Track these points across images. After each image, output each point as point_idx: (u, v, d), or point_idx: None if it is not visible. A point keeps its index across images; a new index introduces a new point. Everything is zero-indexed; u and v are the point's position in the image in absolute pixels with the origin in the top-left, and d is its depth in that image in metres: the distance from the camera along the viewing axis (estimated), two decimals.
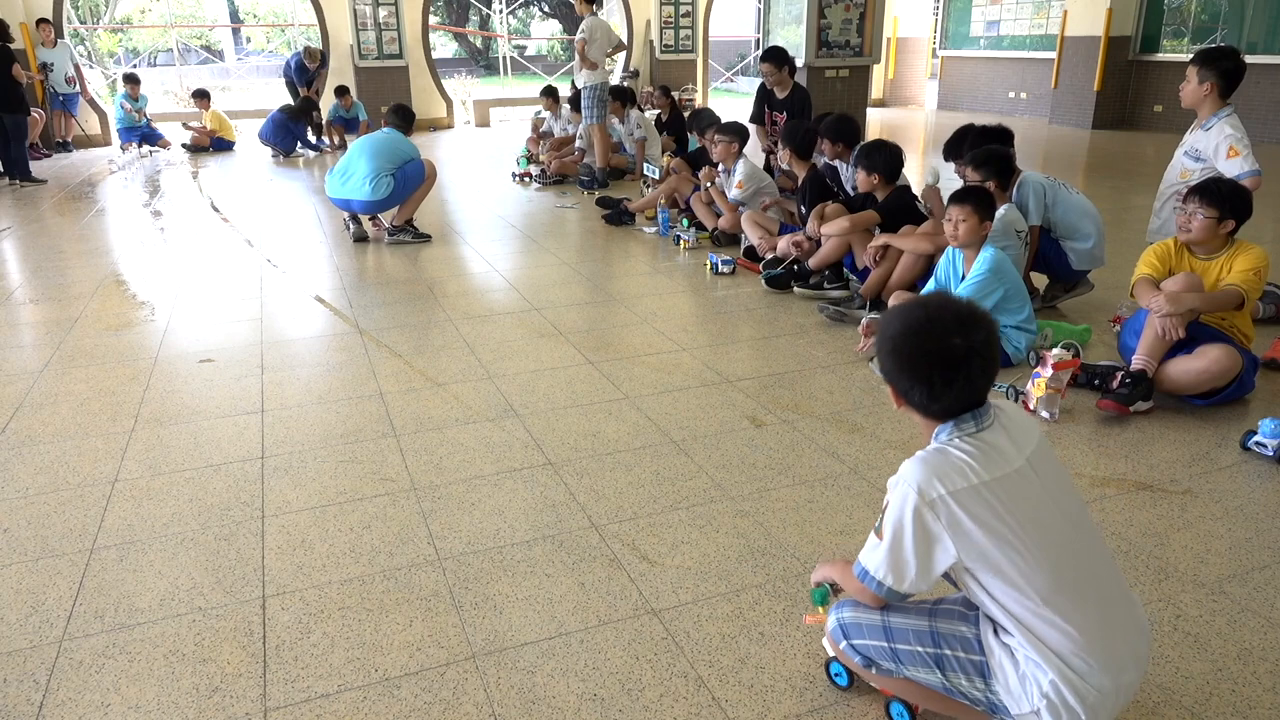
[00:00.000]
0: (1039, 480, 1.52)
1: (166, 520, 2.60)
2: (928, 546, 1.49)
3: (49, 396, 3.54)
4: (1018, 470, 1.50)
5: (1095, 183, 8.20)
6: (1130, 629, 1.54)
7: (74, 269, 5.60)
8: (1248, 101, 9.70)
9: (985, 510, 1.46)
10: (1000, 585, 1.48)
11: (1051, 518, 1.51)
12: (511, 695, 1.88)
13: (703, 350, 3.95)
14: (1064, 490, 1.56)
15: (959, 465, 1.49)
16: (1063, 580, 1.48)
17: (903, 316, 1.57)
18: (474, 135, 13.19)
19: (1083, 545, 1.54)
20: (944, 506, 1.46)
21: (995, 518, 1.46)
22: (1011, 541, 1.46)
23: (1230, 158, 3.81)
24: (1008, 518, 1.46)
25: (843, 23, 10.37)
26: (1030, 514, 1.48)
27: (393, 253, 5.94)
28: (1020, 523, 1.47)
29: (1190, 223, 3.17)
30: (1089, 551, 1.55)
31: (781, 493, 2.69)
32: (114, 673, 1.97)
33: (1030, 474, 1.51)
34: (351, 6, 12.69)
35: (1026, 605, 1.47)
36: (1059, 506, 1.53)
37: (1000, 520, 1.46)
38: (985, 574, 1.48)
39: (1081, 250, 4.24)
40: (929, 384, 1.51)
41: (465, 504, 2.66)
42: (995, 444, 1.52)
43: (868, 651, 1.69)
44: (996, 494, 1.47)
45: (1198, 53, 3.94)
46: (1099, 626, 1.48)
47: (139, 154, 11.10)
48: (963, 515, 1.46)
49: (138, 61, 22.42)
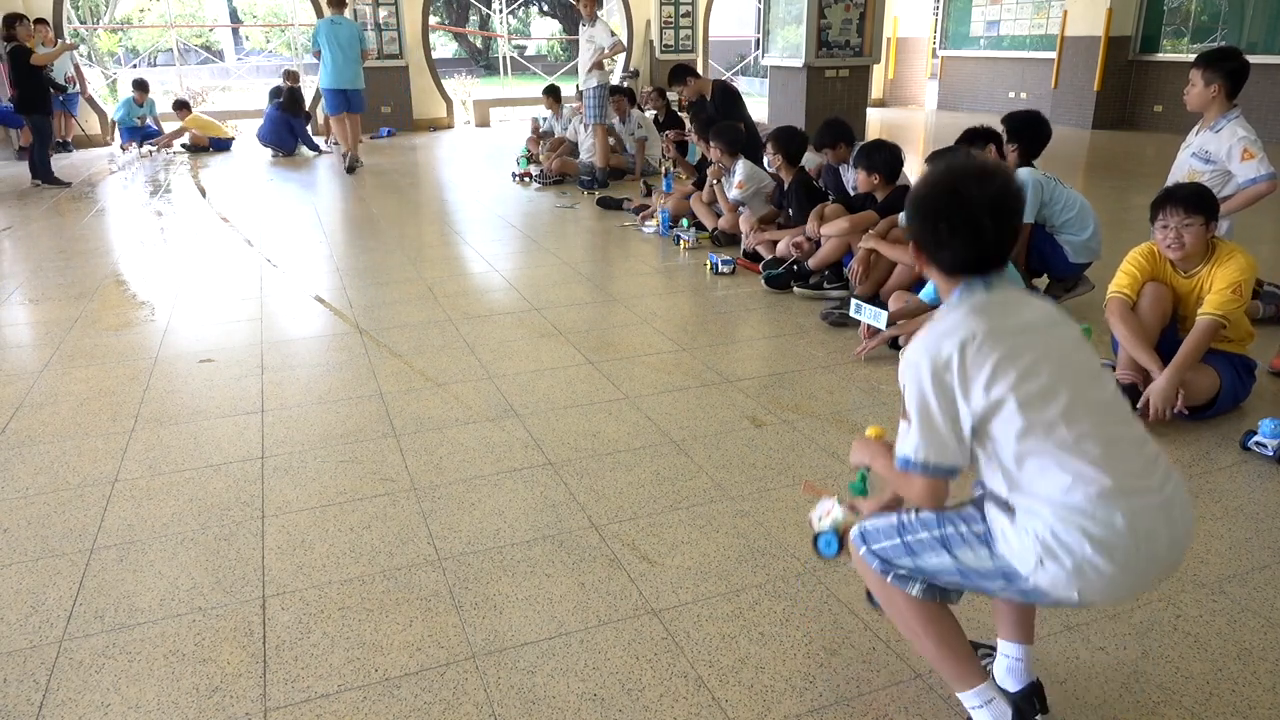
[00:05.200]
0: (1045, 339, 1.52)
1: (166, 520, 2.60)
2: (952, 406, 1.49)
3: (49, 396, 3.54)
4: (1026, 323, 1.53)
5: (1095, 183, 8.20)
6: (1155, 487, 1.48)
7: (74, 269, 5.60)
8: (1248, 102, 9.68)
9: (995, 351, 1.47)
10: (1007, 431, 1.47)
11: (1062, 364, 1.50)
12: (511, 695, 1.88)
13: (703, 350, 3.95)
14: (1081, 357, 1.54)
15: (963, 320, 1.51)
16: (1074, 419, 1.46)
17: (929, 171, 1.62)
18: (474, 135, 13.19)
19: (1100, 399, 1.51)
20: (957, 360, 1.48)
21: (1005, 358, 1.47)
22: (1022, 374, 1.46)
23: (1245, 160, 3.77)
24: (1016, 357, 1.47)
25: (843, 23, 10.37)
26: (1039, 355, 1.49)
27: (392, 252, 5.94)
28: (1030, 362, 1.47)
29: (1181, 237, 2.99)
30: (1106, 406, 1.52)
31: (781, 493, 2.69)
32: (114, 673, 1.97)
33: (1041, 333, 1.52)
34: (352, 7, 12.68)
35: (1029, 445, 1.46)
36: (1073, 360, 1.52)
37: (1009, 360, 1.47)
38: (996, 421, 1.47)
39: (1077, 242, 4.24)
40: (936, 228, 1.54)
41: (465, 504, 2.66)
42: (1003, 303, 1.54)
43: (885, 553, 1.65)
44: (1003, 338, 1.48)
45: (1200, 55, 3.91)
46: (1109, 468, 1.45)
47: (139, 153, 11.10)
48: (974, 362, 1.47)
49: (137, 62, 22.42)
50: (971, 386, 1.47)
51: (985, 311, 1.52)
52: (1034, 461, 1.47)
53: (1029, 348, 1.49)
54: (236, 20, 29.22)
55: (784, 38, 10.96)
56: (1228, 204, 3.77)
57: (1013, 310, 1.55)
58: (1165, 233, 3.03)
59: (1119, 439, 1.49)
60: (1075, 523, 1.44)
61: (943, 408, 1.49)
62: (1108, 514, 1.43)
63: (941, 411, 1.49)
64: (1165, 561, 1.50)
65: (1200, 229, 2.99)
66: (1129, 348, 3.12)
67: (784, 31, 10.97)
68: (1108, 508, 1.44)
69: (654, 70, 15.20)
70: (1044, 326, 1.54)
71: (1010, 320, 1.52)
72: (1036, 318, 1.55)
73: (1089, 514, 1.44)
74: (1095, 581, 1.45)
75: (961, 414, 1.49)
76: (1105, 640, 2.01)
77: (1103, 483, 1.44)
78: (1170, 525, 1.48)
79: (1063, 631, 2.04)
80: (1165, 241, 3.05)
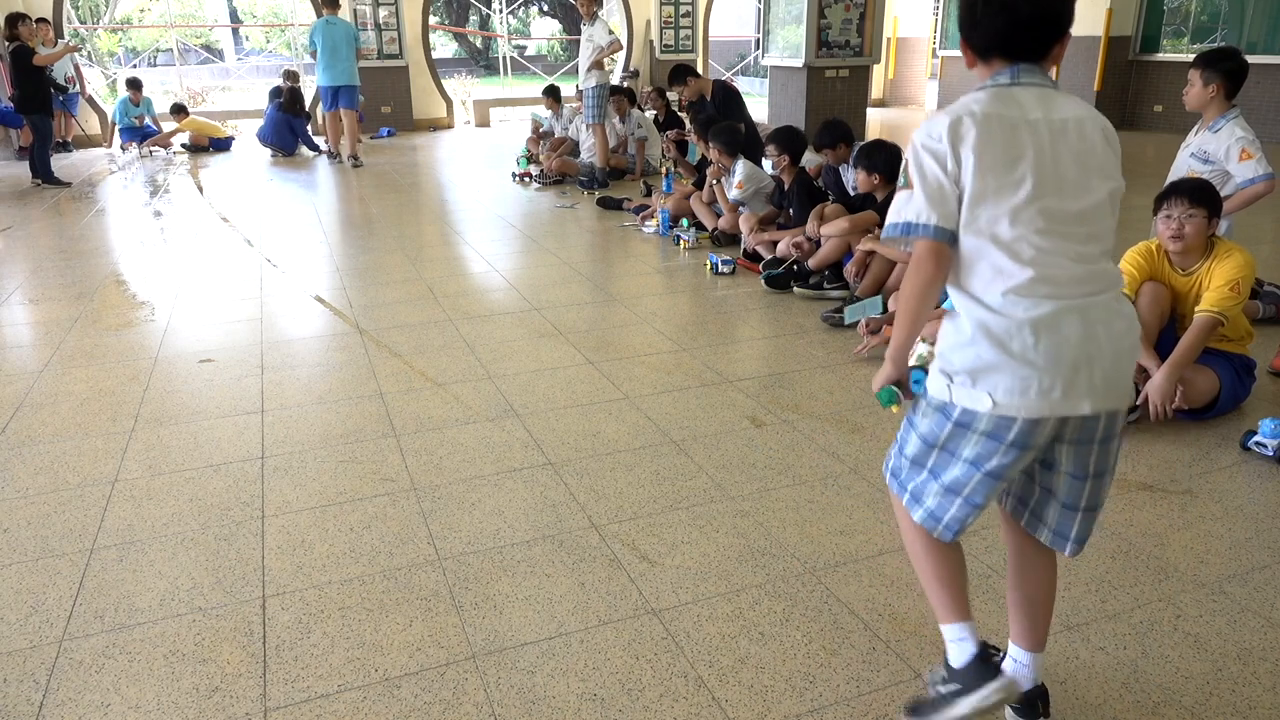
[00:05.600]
0: (1052, 140, 1.50)
1: (166, 520, 2.60)
2: (943, 169, 1.51)
3: (49, 396, 3.54)
4: (1031, 120, 1.51)
5: None
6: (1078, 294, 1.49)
7: (74, 269, 5.60)
8: (1248, 102, 9.69)
9: (975, 134, 1.48)
10: (973, 219, 1.50)
11: (1060, 174, 1.50)
12: (511, 695, 1.88)
13: (703, 350, 3.95)
14: (1089, 165, 1.53)
15: (969, 103, 1.53)
16: (1034, 222, 1.48)
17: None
18: (474, 135, 13.19)
19: (1068, 202, 1.51)
20: (951, 131, 1.50)
21: (986, 139, 1.48)
22: (989, 161, 1.48)
23: (1244, 160, 3.77)
24: (1002, 149, 1.48)
25: (843, 23, 10.37)
26: (1023, 154, 1.49)
27: (392, 252, 5.94)
28: (1011, 157, 1.48)
29: (1183, 228, 3.00)
30: (1076, 211, 1.52)
31: (781, 493, 2.69)
32: (114, 673, 1.97)
33: (1044, 130, 1.50)
34: (351, 6, 12.68)
35: (968, 238, 1.51)
36: (1071, 171, 1.51)
37: (993, 146, 1.48)
38: (967, 199, 1.50)
39: None
40: (973, 5, 1.56)
41: (465, 504, 2.66)
42: (1019, 98, 1.52)
43: (899, 472, 1.68)
44: (993, 125, 1.49)
45: (1199, 55, 3.91)
46: (1034, 268, 1.47)
47: (139, 153, 11.10)
48: (955, 140, 1.49)
49: (137, 61, 22.42)
50: (948, 164, 1.50)
51: (994, 98, 1.52)
52: (970, 255, 1.51)
53: (1016, 141, 1.49)
54: (236, 20, 29.22)
55: (784, 38, 10.96)
56: (1226, 204, 3.77)
57: (1028, 104, 1.52)
58: (1168, 223, 3.04)
59: (1063, 250, 1.49)
60: (984, 317, 1.49)
61: (944, 169, 1.51)
62: (1012, 308, 1.47)
63: (940, 173, 1.51)
64: (1075, 367, 1.47)
65: (1202, 222, 3.00)
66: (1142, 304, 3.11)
67: (784, 31, 10.97)
68: (1015, 302, 1.47)
69: (654, 70, 15.20)
70: (1054, 126, 1.51)
71: (1015, 112, 1.51)
72: (1051, 116, 1.52)
73: (997, 309, 1.48)
74: (999, 381, 1.48)
75: (944, 186, 1.51)
76: (1105, 640, 2.01)
77: (1020, 279, 1.46)
78: (1085, 327, 1.47)
79: (1063, 631, 2.04)
80: (1167, 232, 3.05)
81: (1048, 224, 1.48)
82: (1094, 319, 1.48)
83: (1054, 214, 1.49)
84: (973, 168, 1.48)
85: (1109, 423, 1.55)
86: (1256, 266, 3.13)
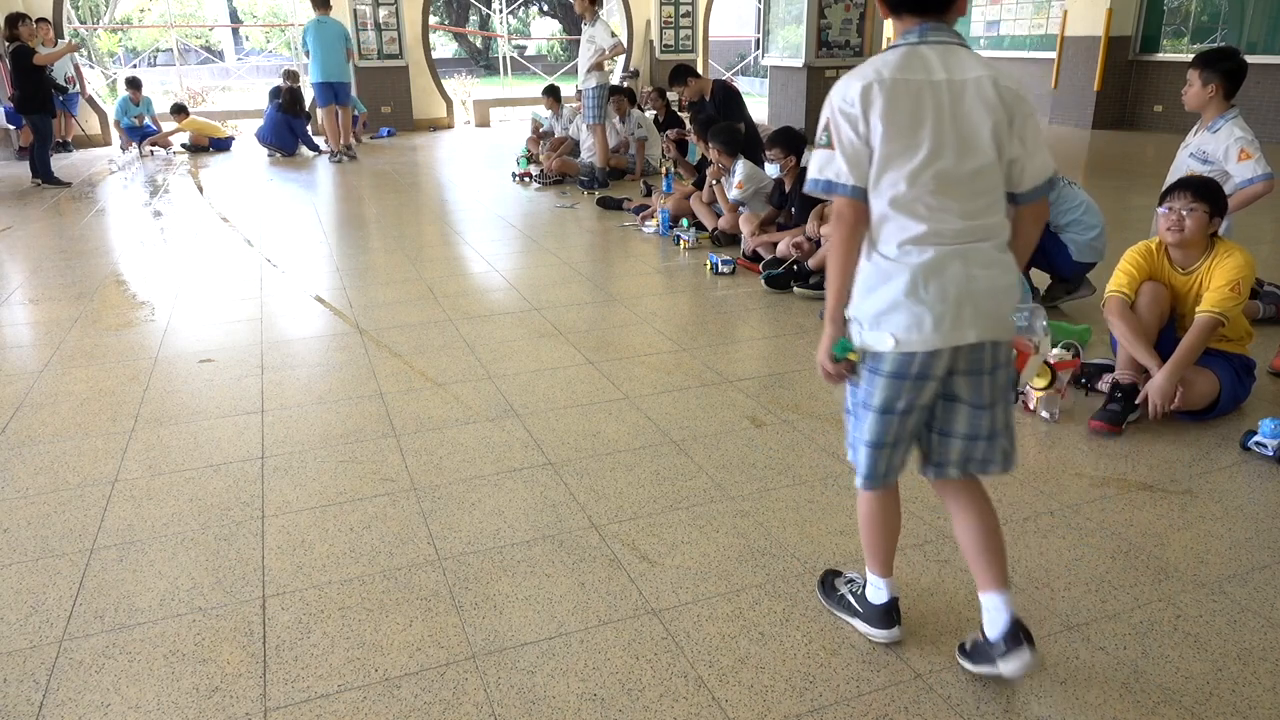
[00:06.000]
0: (951, 103, 1.67)
1: (166, 520, 2.60)
2: (856, 132, 1.68)
3: (49, 396, 3.54)
4: (935, 82, 1.67)
5: (1095, 183, 8.20)
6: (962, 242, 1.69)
7: (74, 269, 5.61)
8: (1249, 102, 9.70)
9: (884, 100, 1.65)
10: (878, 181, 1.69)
11: (947, 134, 1.67)
12: (511, 695, 1.88)
13: (703, 350, 3.95)
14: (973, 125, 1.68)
15: (875, 66, 1.70)
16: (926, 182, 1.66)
17: None
18: (474, 135, 13.19)
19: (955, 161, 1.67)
20: (863, 98, 1.66)
21: (891, 102, 1.65)
22: (893, 125, 1.65)
23: (1242, 160, 3.77)
24: (902, 111, 1.66)
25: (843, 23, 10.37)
26: (923, 116, 1.66)
27: (392, 252, 5.95)
28: (912, 119, 1.66)
29: (1182, 221, 3.01)
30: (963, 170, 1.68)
31: (781, 493, 2.69)
32: (114, 673, 1.97)
33: (945, 92, 1.67)
34: (351, 6, 12.69)
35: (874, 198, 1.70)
36: (958, 131, 1.67)
37: (896, 108, 1.65)
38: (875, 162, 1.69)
39: (1082, 242, 4.24)
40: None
41: (465, 504, 2.66)
42: (925, 56, 1.69)
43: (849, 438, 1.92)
44: (899, 89, 1.66)
45: (1198, 55, 3.91)
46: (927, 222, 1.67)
47: (139, 153, 11.10)
48: (873, 101, 1.66)
49: (137, 61, 22.42)
50: (859, 129, 1.68)
51: (903, 59, 1.68)
52: (874, 214, 1.72)
53: (919, 107, 1.66)
54: (236, 20, 29.22)
55: (784, 38, 10.96)
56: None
57: (934, 64, 1.68)
58: (1168, 216, 3.05)
59: (952, 208, 1.68)
60: (884, 266, 1.72)
61: (857, 131, 1.68)
62: (906, 257, 1.69)
63: (851, 141, 1.69)
64: (959, 303, 1.68)
65: (1203, 217, 3.00)
66: (1128, 346, 3.12)
67: (784, 31, 10.97)
68: (909, 252, 1.69)
69: (654, 70, 15.20)
70: (956, 88, 1.67)
71: (920, 75, 1.67)
72: (954, 77, 1.68)
73: (893, 259, 1.70)
74: (898, 320, 1.70)
75: (856, 144, 1.69)
76: (1105, 640, 2.01)
77: (914, 233, 1.68)
78: (966, 269, 1.69)
79: (1063, 631, 2.04)
80: (1167, 224, 3.05)
81: (939, 185, 1.67)
82: (973, 262, 1.70)
83: (946, 174, 1.67)
84: (880, 134, 1.66)
85: (994, 352, 1.75)
86: (1256, 266, 3.13)
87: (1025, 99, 1.71)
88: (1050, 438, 3.04)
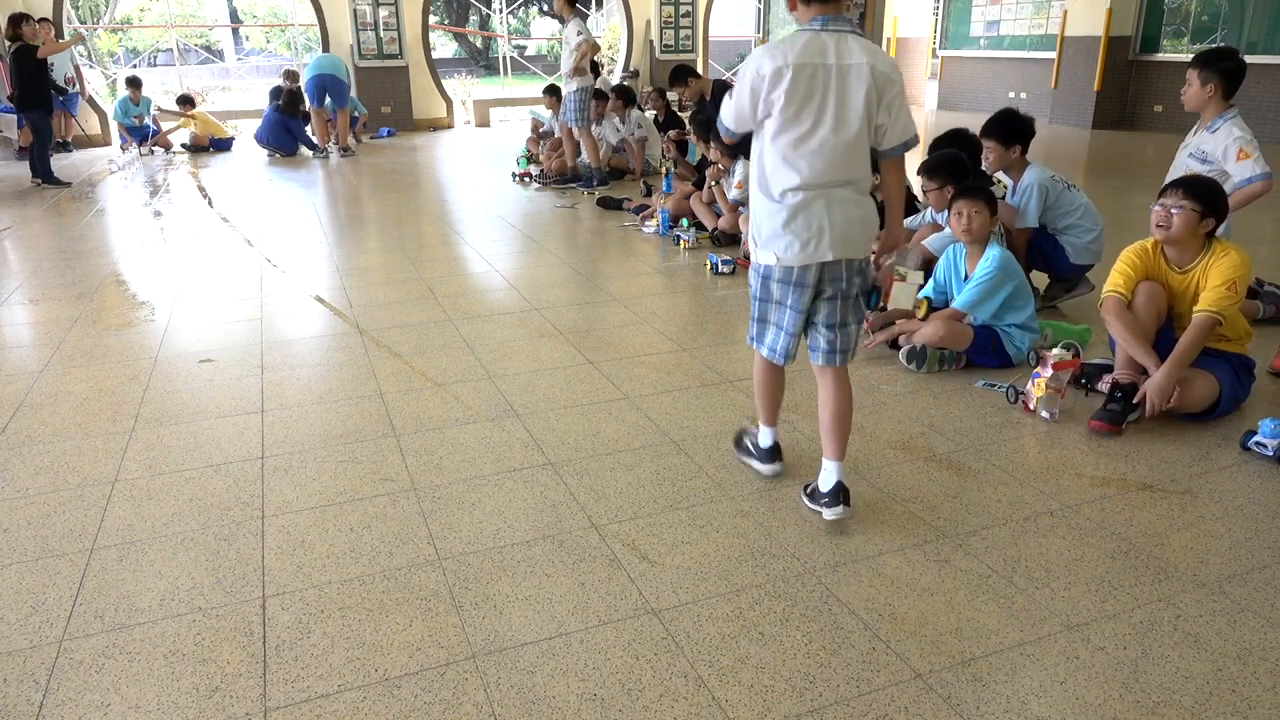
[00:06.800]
0: (839, 83, 2.24)
1: (166, 520, 2.60)
2: (755, 102, 2.29)
3: (49, 396, 3.54)
4: (828, 65, 2.23)
5: (1095, 183, 8.20)
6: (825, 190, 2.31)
7: (74, 269, 5.61)
8: (1249, 102, 9.70)
9: (788, 79, 2.22)
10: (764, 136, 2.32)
11: (830, 107, 2.25)
12: (511, 695, 1.88)
13: (703, 350, 3.95)
14: (851, 101, 2.25)
15: (783, 48, 2.24)
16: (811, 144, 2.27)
17: None
18: (474, 135, 13.19)
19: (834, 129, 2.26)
20: (773, 77, 2.23)
21: (795, 83, 2.22)
22: (793, 100, 2.24)
23: (1241, 160, 3.77)
24: (802, 90, 2.23)
25: None
26: (817, 94, 2.24)
27: (392, 252, 5.95)
28: (807, 96, 2.24)
29: (1170, 218, 3.01)
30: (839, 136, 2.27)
31: (781, 493, 2.69)
32: (114, 673, 1.97)
33: (834, 75, 2.24)
34: (351, 6, 12.69)
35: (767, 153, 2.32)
36: (839, 105, 2.25)
37: (798, 88, 2.23)
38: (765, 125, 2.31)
39: (1079, 245, 4.24)
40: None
41: (465, 504, 2.66)
42: (823, 42, 2.24)
43: (751, 334, 2.59)
44: (801, 71, 2.22)
45: (1197, 55, 3.92)
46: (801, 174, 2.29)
47: (139, 153, 11.10)
48: (772, 83, 2.24)
49: (137, 61, 22.42)
50: (764, 95, 2.27)
51: (807, 44, 2.24)
52: (769, 167, 2.33)
53: (814, 87, 2.24)
54: (236, 20, 29.22)
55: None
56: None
57: (829, 50, 2.23)
58: (1158, 213, 3.06)
59: (827, 166, 2.28)
60: (772, 206, 2.34)
61: (751, 98, 2.29)
62: (787, 199, 2.32)
63: (745, 107, 2.32)
64: (826, 234, 2.31)
65: (1191, 216, 3.00)
66: (1125, 345, 3.12)
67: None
68: (789, 196, 2.31)
69: (654, 70, 15.20)
70: (841, 73, 2.24)
71: (818, 58, 2.23)
72: (843, 63, 2.24)
73: (778, 199, 2.33)
74: (780, 243, 2.34)
75: (759, 110, 2.29)
76: (1105, 640, 2.01)
77: (795, 182, 2.29)
78: (827, 207, 2.31)
79: (1062, 632, 2.04)
80: (1156, 220, 3.07)
81: (818, 147, 2.27)
82: (834, 201, 2.32)
83: (824, 140, 2.27)
84: (780, 107, 2.25)
85: (848, 266, 2.38)
86: (1253, 266, 3.13)
87: (895, 79, 2.28)
88: (1050, 438, 3.04)
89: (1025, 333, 3.65)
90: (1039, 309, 3.90)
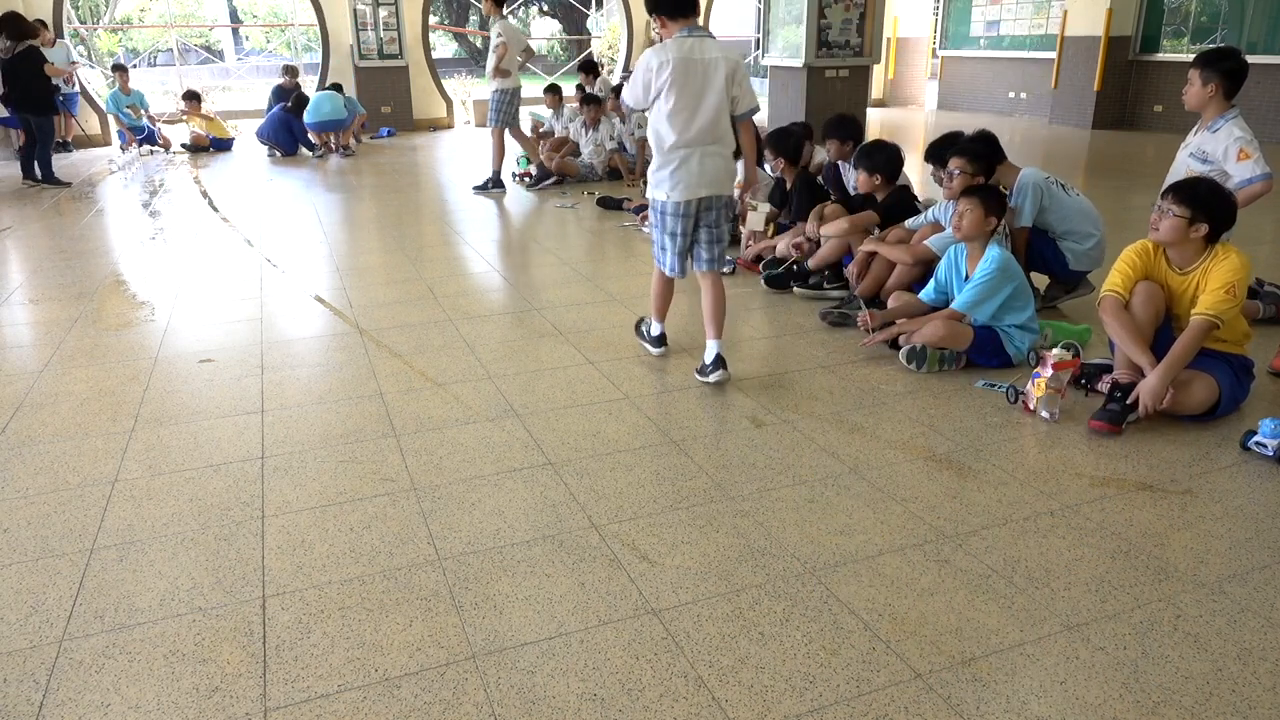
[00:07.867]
0: (703, 72, 3.29)
1: (166, 520, 2.60)
2: (648, 86, 3.32)
3: (49, 396, 3.54)
4: (694, 59, 3.27)
5: (1095, 183, 8.20)
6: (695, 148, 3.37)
7: (74, 269, 5.61)
8: (1249, 102, 9.69)
9: (670, 69, 3.26)
10: (659, 110, 3.34)
11: (699, 89, 3.30)
12: (511, 695, 1.88)
13: (703, 350, 3.94)
14: (713, 84, 3.31)
15: (669, 50, 3.28)
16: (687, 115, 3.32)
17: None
18: (474, 135, 13.18)
19: (703, 104, 3.32)
20: (659, 68, 3.26)
21: (674, 72, 3.26)
22: (674, 84, 3.27)
23: (1241, 160, 3.77)
24: (680, 77, 3.27)
25: (843, 23, 10.36)
26: (690, 80, 3.28)
27: (392, 252, 5.95)
28: (684, 81, 3.27)
29: (1160, 221, 3.04)
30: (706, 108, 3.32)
31: (781, 493, 2.69)
32: (114, 673, 1.97)
33: (699, 68, 3.28)
34: (351, 6, 12.69)
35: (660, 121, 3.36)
36: (705, 88, 3.30)
37: (676, 75, 3.26)
38: (657, 103, 3.34)
39: (1079, 251, 4.24)
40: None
41: (465, 504, 2.66)
42: (691, 44, 3.29)
43: (655, 255, 3.66)
44: (679, 64, 3.26)
45: (1199, 55, 3.91)
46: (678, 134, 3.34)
47: (139, 153, 11.09)
48: (659, 71, 3.27)
49: (137, 62, 22.41)
50: (654, 82, 3.29)
51: (680, 46, 3.28)
52: (662, 131, 3.35)
53: (688, 72, 3.26)
54: (236, 20, 29.22)
55: (784, 38, 10.95)
56: None
57: (694, 49, 3.28)
58: (1153, 215, 3.10)
59: (699, 130, 3.32)
60: (662, 158, 3.39)
61: (648, 79, 3.30)
62: (673, 152, 3.36)
63: (640, 91, 3.36)
64: (699, 177, 3.38)
65: (1181, 223, 3.01)
66: (1122, 344, 3.12)
67: (784, 31, 10.96)
68: (674, 150, 3.36)
69: None
70: (704, 64, 3.28)
71: (688, 55, 3.27)
72: (704, 57, 3.29)
73: (667, 152, 3.36)
74: (667, 183, 3.39)
75: (654, 83, 3.30)
76: (1105, 640, 2.01)
77: (678, 141, 3.33)
78: (701, 163, 3.37)
79: (1062, 632, 2.04)
80: (1151, 222, 3.11)
81: (692, 117, 3.32)
82: (705, 155, 3.37)
83: (696, 111, 3.31)
84: (665, 89, 3.28)
85: (716, 201, 3.46)
86: (1252, 269, 3.13)
87: (740, 65, 3.34)
88: (1050, 438, 3.04)
89: (1025, 333, 3.65)
90: (1039, 309, 3.90)
